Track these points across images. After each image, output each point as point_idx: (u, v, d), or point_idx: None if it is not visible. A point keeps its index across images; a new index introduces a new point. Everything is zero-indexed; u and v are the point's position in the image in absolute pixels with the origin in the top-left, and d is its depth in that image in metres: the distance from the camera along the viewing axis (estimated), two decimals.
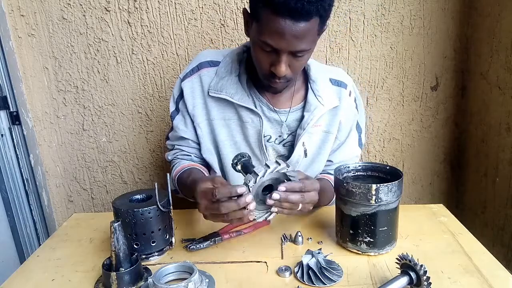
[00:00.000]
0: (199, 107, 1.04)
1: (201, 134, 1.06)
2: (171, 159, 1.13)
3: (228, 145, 1.05)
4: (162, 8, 1.51)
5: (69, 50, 1.55)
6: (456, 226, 0.95)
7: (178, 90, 1.07)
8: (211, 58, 1.06)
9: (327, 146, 1.08)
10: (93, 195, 1.77)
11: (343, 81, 1.08)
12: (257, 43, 0.87)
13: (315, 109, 1.02)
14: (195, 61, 1.07)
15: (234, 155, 1.02)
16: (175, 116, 1.08)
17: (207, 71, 1.04)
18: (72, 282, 0.78)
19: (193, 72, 1.05)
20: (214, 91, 1.01)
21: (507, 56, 1.36)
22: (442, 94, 1.67)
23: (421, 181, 1.80)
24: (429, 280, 0.66)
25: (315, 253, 0.77)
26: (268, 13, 0.80)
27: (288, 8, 0.77)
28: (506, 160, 1.40)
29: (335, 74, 1.09)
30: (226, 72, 1.02)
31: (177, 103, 1.08)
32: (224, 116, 1.04)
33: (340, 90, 1.07)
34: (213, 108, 1.03)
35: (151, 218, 0.81)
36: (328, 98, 1.04)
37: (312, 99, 1.03)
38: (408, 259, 0.69)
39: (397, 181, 0.78)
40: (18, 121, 1.49)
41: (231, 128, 1.04)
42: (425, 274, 0.66)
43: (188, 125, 1.07)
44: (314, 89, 1.04)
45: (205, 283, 0.72)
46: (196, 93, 1.04)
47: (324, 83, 1.05)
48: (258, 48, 0.87)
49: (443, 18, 1.57)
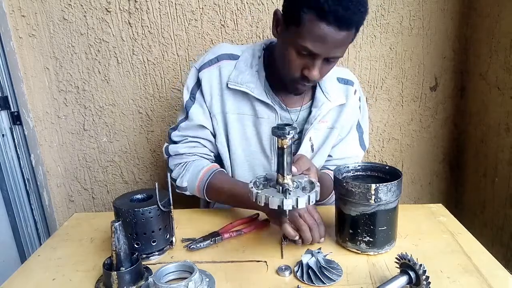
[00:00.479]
0: (216, 98, 1.04)
1: (217, 126, 1.05)
2: (183, 152, 1.05)
3: (239, 140, 1.05)
4: (162, 9, 1.52)
5: (70, 50, 1.56)
6: (455, 225, 0.95)
7: (194, 80, 1.05)
8: (230, 51, 1.06)
9: (330, 141, 1.10)
10: (94, 195, 1.77)
11: (350, 79, 1.11)
12: (293, 46, 0.88)
13: (322, 104, 1.04)
14: (212, 53, 1.06)
15: (243, 150, 1.05)
16: (191, 106, 1.04)
17: (227, 63, 1.04)
18: (73, 282, 0.78)
19: (211, 63, 1.04)
20: (234, 83, 1.01)
21: (506, 56, 1.37)
22: (441, 95, 1.68)
23: (420, 181, 1.80)
24: (428, 279, 0.67)
25: (314, 253, 0.77)
26: (313, 18, 0.81)
27: (335, 15, 0.80)
28: (505, 160, 1.41)
29: (342, 73, 1.12)
30: (246, 67, 1.02)
31: (193, 92, 1.05)
32: (239, 110, 1.04)
33: (347, 88, 1.10)
34: (228, 101, 1.03)
35: (151, 217, 0.81)
36: (335, 95, 1.06)
37: (319, 95, 1.05)
38: (407, 259, 0.69)
39: (396, 181, 0.79)
40: (19, 121, 1.50)
41: (244, 123, 1.04)
42: (424, 274, 0.67)
43: (206, 114, 1.05)
44: (322, 86, 1.06)
45: (205, 282, 0.73)
46: (214, 84, 1.03)
47: (331, 81, 1.08)
48: (293, 51, 0.88)
49: (442, 19, 1.57)
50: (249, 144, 1.06)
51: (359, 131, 1.14)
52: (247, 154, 1.06)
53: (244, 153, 1.06)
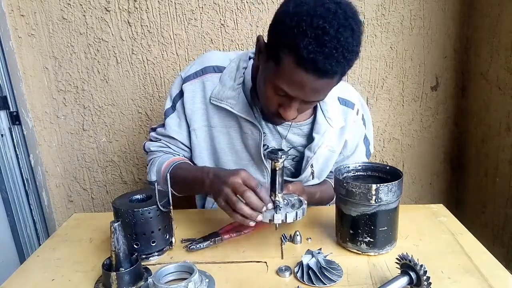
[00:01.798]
0: (199, 112, 1.01)
1: (196, 141, 1.03)
2: (154, 150, 1.07)
3: (229, 153, 1.03)
4: (162, 8, 1.51)
5: (69, 50, 1.55)
6: (456, 226, 0.95)
7: (178, 89, 1.03)
8: (217, 63, 1.01)
9: (331, 164, 1.07)
10: (93, 195, 1.77)
11: (350, 100, 1.05)
12: (270, 83, 0.82)
13: (325, 132, 0.99)
14: (199, 63, 1.03)
15: (234, 162, 1.03)
16: (169, 115, 1.04)
17: (211, 77, 1.00)
18: (72, 282, 0.77)
19: (196, 76, 1.01)
20: (216, 99, 0.98)
21: (507, 56, 1.36)
22: (442, 94, 1.67)
23: (421, 181, 1.80)
24: (429, 280, 0.66)
25: (315, 253, 0.77)
26: (292, 62, 0.74)
27: (314, 65, 0.72)
28: (506, 160, 1.40)
29: (343, 92, 1.04)
30: (230, 79, 0.98)
31: (174, 102, 1.04)
32: (225, 123, 1.01)
33: (348, 110, 1.04)
34: (214, 115, 1.00)
35: (151, 218, 0.81)
36: (336, 119, 1.01)
37: (321, 119, 0.99)
38: (408, 259, 0.69)
39: (397, 181, 0.78)
40: (18, 121, 1.49)
41: (232, 136, 1.02)
42: (425, 274, 0.66)
43: (182, 127, 1.03)
44: (323, 109, 1.00)
45: (205, 283, 0.72)
46: (197, 98, 1.01)
47: (333, 102, 1.01)
48: (270, 88, 0.83)
49: (443, 18, 1.57)
50: (240, 158, 1.03)
51: (366, 143, 1.12)
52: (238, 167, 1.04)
53: (236, 166, 1.03)
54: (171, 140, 1.06)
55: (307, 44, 0.71)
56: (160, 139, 1.07)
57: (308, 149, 1.01)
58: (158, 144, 1.08)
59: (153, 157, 1.08)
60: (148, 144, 1.10)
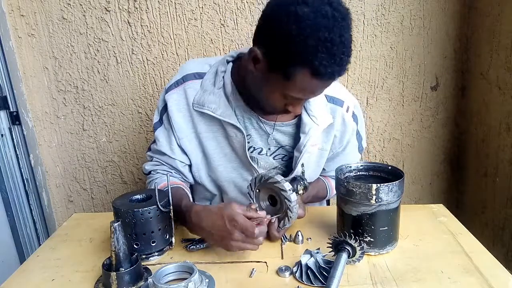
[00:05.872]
0: (185, 120, 1.01)
1: (189, 149, 1.02)
2: (148, 169, 1.08)
3: (218, 158, 1.03)
4: (162, 8, 1.51)
5: (69, 50, 1.55)
6: (456, 226, 0.95)
7: (162, 102, 1.03)
8: (197, 70, 1.01)
9: (321, 162, 1.09)
10: (93, 195, 1.77)
11: (339, 98, 1.04)
12: (278, 91, 0.86)
13: (309, 129, 1.00)
14: (179, 73, 1.03)
15: (224, 167, 1.03)
16: (157, 128, 1.04)
17: (192, 83, 1.00)
18: (72, 282, 0.78)
19: (177, 85, 1.01)
20: (197, 105, 0.98)
21: (507, 56, 1.36)
22: (442, 94, 1.67)
23: (421, 181, 1.80)
24: (361, 244, 0.75)
25: (313, 253, 0.77)
26: (307, 75, 0.78)
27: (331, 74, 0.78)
28: (506, 160, 1.40)
29: (331, 90, 1.02)
30: (211, 84, 0.98)
31: (161, 115, 1.04)
32: (211, 128, 1.01)
33: (336, 108, 1.04)
34: (199, 121, 1.00)
35: (151, 218, 0.81)
36: (322, 117, 1.01)
37: (306, 119, 1.00)
38: (335, 236, 0.76)
39: (398, 181, 0.78)
40: (18, 121, 1.49)
41: (219, 140, 1.02)
42: (356, 242, 0.74)
43: (172, 138, 1.02)
44: (307, 108, 1.00)
45: (205, 283, 0.72)
46: (181, 106, 1.00)
47: (318, 100, 1.01)
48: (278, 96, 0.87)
49: (443, 18, 1.57)
50: (229, 160, 1.03)
51: (359, 138, 1.12)
52: (230, 170, 1.04)
53: (226, 170, 1.04)
54: (163, 157, 1.05)
55: (321, 60, 0.75)
56: (153, 157, 1.08)
57: (296, 149, 1.02)
58: (152, 163, 1.08)
59: (149, 180, 1.08)
60: (144, 165, 1.10)
